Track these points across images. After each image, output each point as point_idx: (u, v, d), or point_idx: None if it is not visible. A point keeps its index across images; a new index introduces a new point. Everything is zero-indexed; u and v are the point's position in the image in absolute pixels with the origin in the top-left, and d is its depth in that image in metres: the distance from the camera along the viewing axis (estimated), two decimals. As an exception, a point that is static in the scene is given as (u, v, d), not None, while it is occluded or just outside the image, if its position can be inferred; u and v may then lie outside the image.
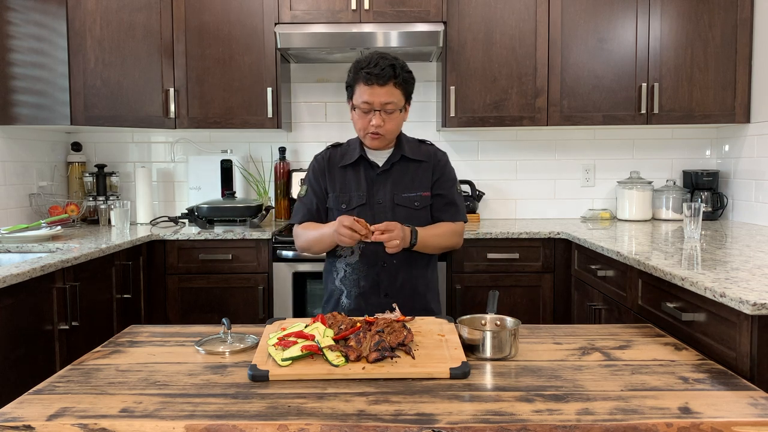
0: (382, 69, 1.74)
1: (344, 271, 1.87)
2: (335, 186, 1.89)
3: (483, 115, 3.13)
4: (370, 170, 1.88)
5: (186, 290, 2.90)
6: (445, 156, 1.96)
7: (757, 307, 1.32)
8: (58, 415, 1.09)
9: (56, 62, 2.82)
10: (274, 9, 3.09)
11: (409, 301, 1.86)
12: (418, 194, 1.87)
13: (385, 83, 1.75)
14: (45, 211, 3.13)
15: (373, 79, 1.74)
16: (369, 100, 1.76)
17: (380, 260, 1.84)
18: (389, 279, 1.85)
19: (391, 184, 1.87)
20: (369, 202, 1.85)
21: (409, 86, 1.82)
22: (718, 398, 1.16)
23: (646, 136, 3.49)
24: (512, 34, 3.11)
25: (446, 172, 1.93)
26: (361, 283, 1.86)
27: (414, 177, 1.89)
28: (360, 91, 1.78)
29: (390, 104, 1.77)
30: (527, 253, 2.89)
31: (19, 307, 1.89)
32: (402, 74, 1.78)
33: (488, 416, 1.07)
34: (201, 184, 3.45)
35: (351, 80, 1.81)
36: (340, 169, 1.90)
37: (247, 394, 1.18)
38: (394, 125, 1.81)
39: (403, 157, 1.89)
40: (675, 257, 1.96)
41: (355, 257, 1.86)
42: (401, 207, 1.85)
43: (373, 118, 1.78)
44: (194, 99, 3.15)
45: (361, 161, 1.89)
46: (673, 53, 3.09)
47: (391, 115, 1.79)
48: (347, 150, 1.93)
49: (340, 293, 1.88)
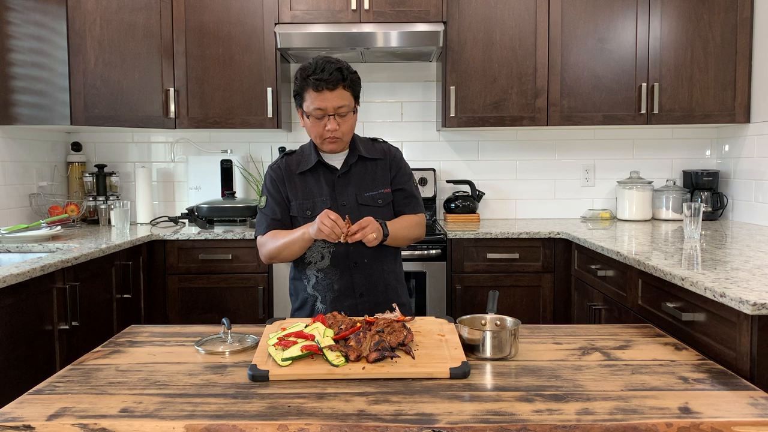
0: (330, 74, 1.73)
1: (316, 278, 1.86)
2: (297, 194, 1.87)
3: (483, 115, 3.13)
4: (329, 174, 1.88)
5: (186, 290, 2.90)
6: (398, 151, 1.98)
7: (757, 307, 1.32)
8: (58, 415, 1.09)
9: (56, 62, 2.82)
10: (274, 9, 3.09)
11: (383, 296, 1.87)
12: (379, 192, 1.88)
13: (335, 87, 1.74)
14: (45, 211, 3.13)
15: (322, 84, 1.73)
16: (321, 105, 1.75)
17: (351, 261, 1.84)
18: (363, 278, 1.85)
19: (352, 186, 1.87)
20: (333, 205, 1.84)
21: (357, 87, 1.82)
22: (718, 398, 1.16)
23: (646, 136, 3.49)
24: (512, 34, 3.11)
25: (402, 167, 1.95)
26: (335, 287, 1.85)
27: (374, 176, 1.89)
28: (310, 98, 1.76)
29: (342, 107, 1.76)
30: (527, 253, 2.89)
31: (19, 307, 1.89)
32: (349, 76, 1.78)
33: (488, 416, 1.07)
34: (201, 184, 3.45)
35: (299, 88, 1.79)
36: (299, 176, 1.88)
37: (247, 394, 1.18)
38: (349, 127, 1.81)
39: (360, 158, 1.89)
40: (675, 257, 1.96)
41: (326, 262, 1.85)
42: (365, 206, 1.85)
43: (328, 123, 1.77)
44: (194, 99, 3.15)
45: (318, 166, 1.88)
46: (673, 53, 3.09)
47: (344, 118, 1.79)
48: (302, 156, 1.91)
49: (314, 299, 1.87)
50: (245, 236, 2.87)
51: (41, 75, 2.83)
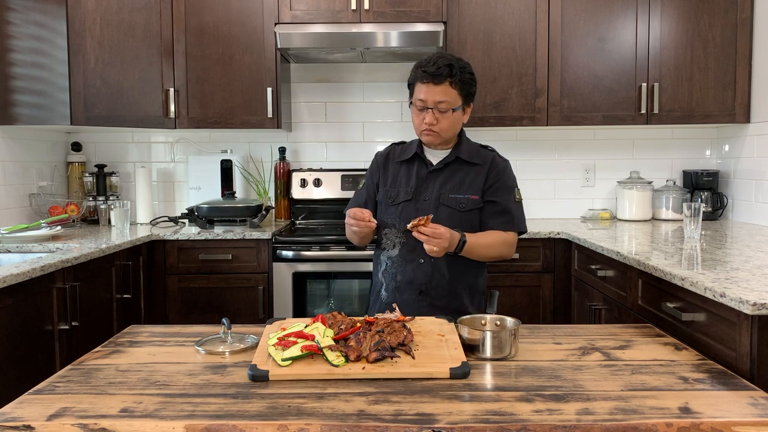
0: (438, 68, 1.75)
1: (385, 264, 1.89)
2: (387, 180, 1.93)
3: (483, 115, 3.13)
4: (424, 168, 1.90)
5: (186, 290, 2.90)
6: (505, 163, 1.91)
7: (757, 307, 1.32)
8: (58, 415, 1.09)
9: (56, 62, 2.82)
10: (274, 9, 3.09)
11: (444, 301, 1.84)
12: (466, 196, 1.84)
13: (441, 82, 1.76)
14: (45, 211, 3.13)
15: (428, 77, 1.76)
16: (423, 98, 1.78)
17: (417, 257, 1.83)
18: (424, 276, 1.84)
19: (439, 183, 1.86)
20: (414, 198, 1.85)
21: (467, 87, 1.81)
22: (718, 398, 1.16)
23: (646, 136, 3.49)
24: (512, 34, 3.11)
25: (503, 179, 1.87)
26: (398, 278, 1.86)
27: (465, 179, 1.86)
28: (417, 89, 1.80)
29: (443, 103, 1.77)
30: (527, 253, 2.89)
31: (19, 307, 1.89)
32: (459, 74, 1.78)
33: (488, 416, 1.07)
34: (201, 184, 3.45)
35: (411, 79, 1.84)
36: (396, 164, 1.94)
37: (247, 394, 1.18)
38: (448, 124, 1.80)
39: (458, 159, 1.88)
40: (675, 257, 1.96)
41: (395, 251, 1.86)
42: (445, 207, 1.83)
43: (426, 116, 1.79)
44: (194, 99, 3.15)
45: (416, 158, 1.91)
46: (673, 53, 3.09)
47: (444, 114, 1.79)
48: (407, 147, 1.96)
49: (381, 285, 1.90)
50: (245, 236, 2.87)
51: (41, 75, 2.83)
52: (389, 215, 1.88)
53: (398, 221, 1.85)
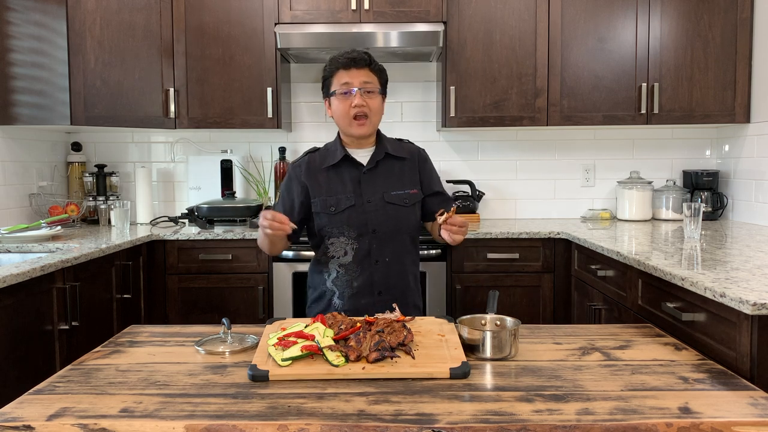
0: (358, 54, 1.82)
1: (336, 272, 1.86)
2: (320, 190, 1.85)
3: (483, 115, 3.13)
4: (355, 170, 1.86)
5: (186, 290, 2.90)
6: (425, 153, 1.99)
7: (757, 307, 1.32)
8: (58, 415, 1.09)
9: (56, 62, 2.82)
10: (274, 9, 3.09)
11: (401, 296, 1.87)
12: (406, 192, 1.87)
13: (363, 66, 1.81)
14: (45, 211, 3.13)
15: (351, 63, 1.80)
16: (348, 80, 1.79)
17: (373, 259, 1.84)
18: (382, 277, 1.85)
19: (379, 183, 1.85)
20: (357, 202, 1.83)
21: (384, 75, 1.87)
22: (718, 398, 1.16)
23: (646, 136, 3.49)
24: (512, 34, 3.11)
25: (433, 170, 1.98)
26: (354, 284, 1.85)
27: (401, 174, 1.89)
28: (338, 76, 1.81)
29: (369, 83, 1.80)
30: (527, 253, 2.89)
31: (19, 307, 1.89)
32: (376, 63, 1.85)
33: (488, 416, 1.07)
34: (201, 184, 3.45)
35: (327, 73, 1.85)
36: (323, 171, 1.87)
37: (247, 394, 1.18)
38: (376, 105, 1.83)
39: (387, 155, 1.88)
40: (675, 257, 1.96)
41: (349, 258, 1.85)
42: (392, 205, 1.84)
43: (354, 99, 1.79)
44: (194, 99, 3.15)
45: (344, 162, 1.87)
46: (673, 53, 3.09)
47: (371, 95, 1.81)
48: (327, 152, 1.91)
49: (332, 294, 1.88)
50: (245, 236, 2.87)
51: (41, 75, 2.83)
52: (334, 224, 1.83)
53: (347, 228, 1.83)
